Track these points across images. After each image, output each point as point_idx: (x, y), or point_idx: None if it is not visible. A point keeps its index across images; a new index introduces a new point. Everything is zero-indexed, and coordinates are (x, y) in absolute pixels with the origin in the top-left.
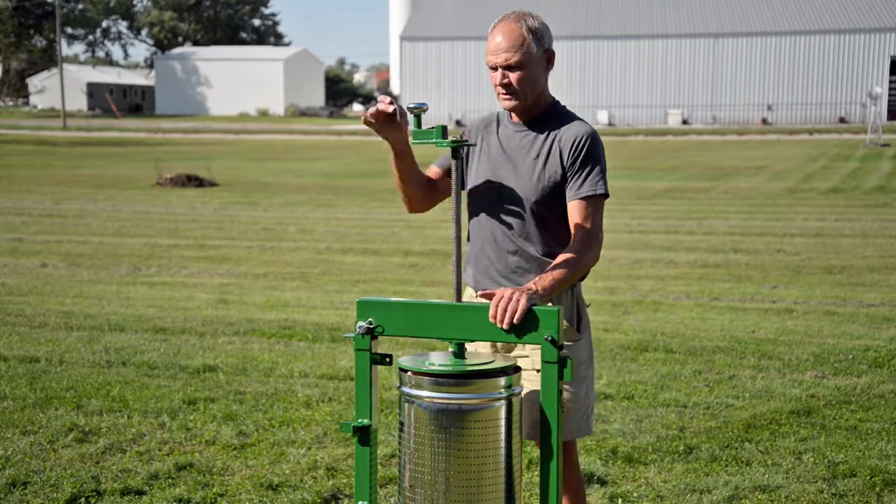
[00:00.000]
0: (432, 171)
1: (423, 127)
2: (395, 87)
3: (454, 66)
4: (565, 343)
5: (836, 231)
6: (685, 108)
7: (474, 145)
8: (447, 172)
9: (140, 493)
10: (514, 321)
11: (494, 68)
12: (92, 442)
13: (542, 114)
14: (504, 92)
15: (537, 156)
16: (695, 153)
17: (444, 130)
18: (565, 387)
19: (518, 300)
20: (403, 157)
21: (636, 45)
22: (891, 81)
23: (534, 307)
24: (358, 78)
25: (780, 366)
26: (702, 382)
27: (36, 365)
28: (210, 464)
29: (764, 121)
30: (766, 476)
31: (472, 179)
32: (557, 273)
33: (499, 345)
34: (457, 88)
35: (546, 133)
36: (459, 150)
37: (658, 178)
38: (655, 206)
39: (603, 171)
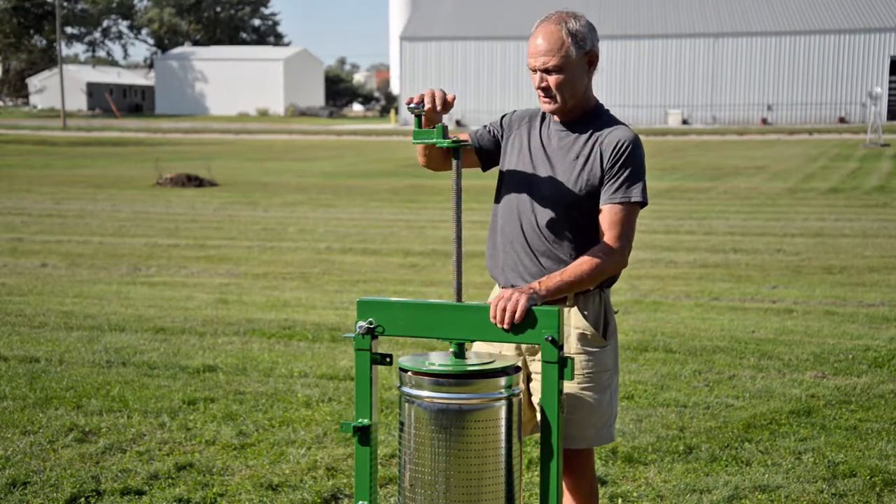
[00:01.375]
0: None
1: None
2: (395, 87)
3: (454, 66)
4: (591, 349)
5: (836, 231)
6: (685, 108)
7: (476, 146)
8: (476, 150)
9: (140, 493)
10: (514, 321)
11: (534, 70)
12: (92, 442)
13: (584, 116)
14: (543, 95)
15: (577, 157)
16: (695, 153)
17: (444, 130)
18: (589, 394)
19: (518, 300)
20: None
21: (636, 45)
22: (891, 81)
23: (534, 307)
24: (358, 78)
25: (780, 366)
26: (702, 382)
27: (36, 365)
28: (210, 464)
29: (764, 121)
30: (766, 476)
31: (508, 167)
32: (568, 275)
33: (524, 347)
34: (457, 88)
35: (588, 135)
36: (459, 150)
37: (658, 178)
38: (655, 206)
39: (641, 179)
